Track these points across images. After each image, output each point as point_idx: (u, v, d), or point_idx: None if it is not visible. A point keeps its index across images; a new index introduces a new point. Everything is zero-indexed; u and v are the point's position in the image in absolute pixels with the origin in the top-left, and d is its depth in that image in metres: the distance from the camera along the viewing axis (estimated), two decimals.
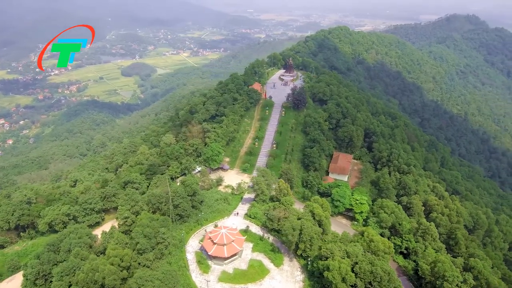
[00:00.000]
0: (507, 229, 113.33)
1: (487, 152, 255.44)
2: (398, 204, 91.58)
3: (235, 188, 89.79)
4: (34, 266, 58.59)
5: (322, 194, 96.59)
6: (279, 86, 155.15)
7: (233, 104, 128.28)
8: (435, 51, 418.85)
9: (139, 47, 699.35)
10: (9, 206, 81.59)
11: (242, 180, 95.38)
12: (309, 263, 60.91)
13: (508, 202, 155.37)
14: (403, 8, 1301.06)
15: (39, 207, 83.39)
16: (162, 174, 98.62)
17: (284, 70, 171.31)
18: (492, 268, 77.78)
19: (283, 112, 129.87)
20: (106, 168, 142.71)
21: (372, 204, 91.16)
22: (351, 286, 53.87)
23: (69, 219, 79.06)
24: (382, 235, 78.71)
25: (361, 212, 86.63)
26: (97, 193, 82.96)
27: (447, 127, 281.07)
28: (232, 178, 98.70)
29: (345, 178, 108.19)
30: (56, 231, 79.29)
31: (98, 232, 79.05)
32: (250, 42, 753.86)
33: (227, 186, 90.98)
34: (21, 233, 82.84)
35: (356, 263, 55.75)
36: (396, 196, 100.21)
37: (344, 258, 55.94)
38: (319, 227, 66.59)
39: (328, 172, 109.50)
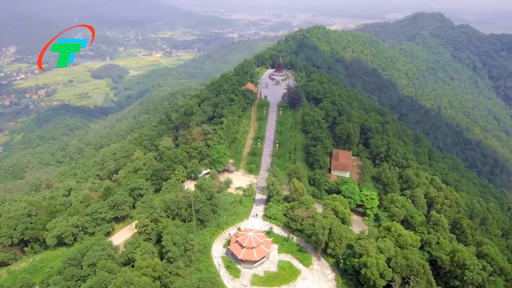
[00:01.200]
0: (498, 216, 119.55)
1: (462, 144, 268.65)
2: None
3: (246, 189, 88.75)
4: (57, 282, 55.11)
5: (329, 192, 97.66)
6: (271, 86, 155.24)
7: (230, 105, 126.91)
8: (406, 48, 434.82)
9: (109, 49, 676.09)
10: (10, 220, 76.28)
11: (251, 181, 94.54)
12: (341, 261, 61.29)
13: (490, 191, 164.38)
14: (369, 7, 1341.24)
15: (42, 220, 78.52)
16: (168, 179, 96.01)
17: (274, 70, 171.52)
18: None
19: (280, 111, 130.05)
20: (98, 175, 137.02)
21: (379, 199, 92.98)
22: (388, 281, 54.78)
23: (78, 231, 75.08)
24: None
25: (372, 207, 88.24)
26: (106, 201, 79.19)
27: (423, 121, 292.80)
28: (239, 179, 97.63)
29: (347, 175, 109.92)
30: (64, 244, 75.20)
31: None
32: (224, 42, 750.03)
33: (238, 188, 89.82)
34: (25, 248, 77.74)
35: (390, 258, 56.74)
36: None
37: (377, 254, 56.75)
38: (343, 224, 67.18)
39: (330, 170, 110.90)
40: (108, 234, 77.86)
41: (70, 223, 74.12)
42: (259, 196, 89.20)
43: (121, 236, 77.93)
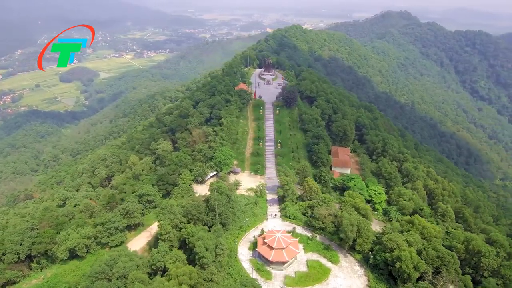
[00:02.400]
0: (487, 204, 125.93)
1: (438, 137, 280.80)
2: None
3: (258, 190, 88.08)
4: None
5: (335, 189, 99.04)
6: (262, 85, 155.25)
7: (227, 106, 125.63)
8: (378, 46, 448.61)
9: None
10: (14, 235, 71.42)
11: (260, 182, 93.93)
12: (371, 256, 62.20)
13: (472, 180, 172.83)
14: (337, 7, 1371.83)
15: (49, 233, 74.02)
16: (174, 183, 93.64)
17: (263, 70, 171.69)
18: None
19: (277, 111, 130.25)
20: (89, 183, 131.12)
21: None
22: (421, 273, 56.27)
23: (91, 242, 71.55)
24: None
25: (380, 202, 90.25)
26: (118, 210, 75.90)
27: (400, 116, 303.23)
28: (247, 180, 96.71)
29: (348, 171, 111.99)
30: (76, 257, 71.43)
31: None
32: (196, 42, 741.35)
33: (249, 189, 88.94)
34: (31, 264, 73.05)
35: (420, 250, 58.39)
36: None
37: (408, 247, 58.15)
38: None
39: (331, 167, 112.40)
40: (122, 243, 74.78)
41: (83, 234, 70.47)
42: (269, 196, 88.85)
43: (135, 244, 75.13)
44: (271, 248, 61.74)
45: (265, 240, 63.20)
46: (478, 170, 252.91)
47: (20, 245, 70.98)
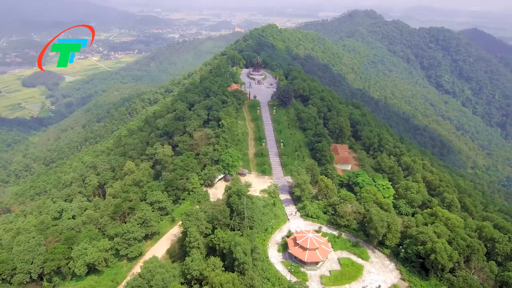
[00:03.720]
0: (475, 192, 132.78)
1: (412, 130, 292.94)
2: None
3: (271, 191, 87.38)
4: None
5: (341, 185, 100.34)
6: (253, 85, 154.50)
7: (224, 107, 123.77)
8: (348, 44, 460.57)
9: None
10: (24, 253, 66.19)
11: (271, 182, 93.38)
12: (402, 250, 63.52)
13: (452, 170, 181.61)
14: (303, 6, 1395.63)
15: (61, 249, 69.30)
16: (184, 188, 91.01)
17: (252, 69, 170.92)
18: None
19: (274, 110, 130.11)
20: (80, 192, 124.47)
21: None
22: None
23: (109, 255, 67.88)
24: (413, 214, 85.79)
25: (389, 196, 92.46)
26: (135, 219, 72.40)
27: (376, 111, 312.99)
28: (255, 181, 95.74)
29: (349, 167, 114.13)
30: (94, 272, 67.50)
31: (141, 265, 69.87)
32: (165, 42, 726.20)
33: (262, 191, 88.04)
34: (43, 283, 68.07)
35: (450, 241, 60.47)
36: None
37: (438, 239, 59.99)
38: None
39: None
40: (140, 254, 71.57)
41: (101, 247, 66.68)
42: (282, 196, 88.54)
43: (154, 254, 72.10)
44: (305, 249, 61.51)
45: (297, 241, 62.80)
46: (451, 161, 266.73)
47: (32, 264, 66.00)
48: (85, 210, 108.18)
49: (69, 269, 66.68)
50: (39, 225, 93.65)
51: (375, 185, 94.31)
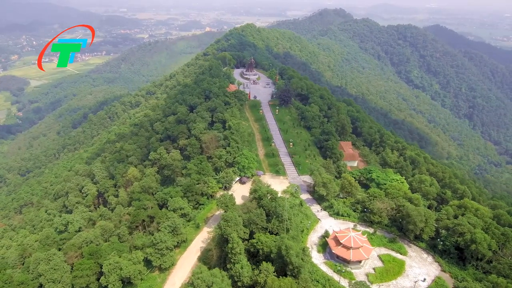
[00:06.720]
0: (470, 182, 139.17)
1: (392, 124, 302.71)
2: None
3: (293, 191, 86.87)
4: None
5: None
6: (250, 85, 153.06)
7: (227, 108, 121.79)
8: (322, 43, 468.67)
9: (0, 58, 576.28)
10: (51, 272, 61.51)
11: (288, 182, 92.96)
12: (440, 243, 65.20)
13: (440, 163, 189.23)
14: (271, 5, 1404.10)
15: (88, 264, 65.08)
16: (202, 193, 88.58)
17: (245, 70, 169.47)
18: None
19: (277, 110, 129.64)
20: (78, 202, 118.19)
21: None
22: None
23: (142, 267, 64.65)
24: (429, 207, 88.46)
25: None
26: (164, 227, 69.34)
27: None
28: (271, 182, 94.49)
29: (355, 164, 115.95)
30: (127, 284, 63.96)
31: (174, 275, 67.32)
32: (134, 43, 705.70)
33: (285, 191, 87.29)
34: None
35: (485, 230, 62.87)
36: None
37: (475, 229, 62.22)
38: None
39: None
40: (173, 264, 68.74)
41: (135, 259, 63.31)
42: (303, 196, 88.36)
43: (185, 263, 69.85)
44: (348, 248, 61.69)
45: (340, 241, 62.79)
46: (430, 152, 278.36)
47: (59, 283, 61.53)
48: (89, 221, 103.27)
49: (101, 285, 62.78)
50: (44, 240, 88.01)
51: (390, 181, 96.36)
